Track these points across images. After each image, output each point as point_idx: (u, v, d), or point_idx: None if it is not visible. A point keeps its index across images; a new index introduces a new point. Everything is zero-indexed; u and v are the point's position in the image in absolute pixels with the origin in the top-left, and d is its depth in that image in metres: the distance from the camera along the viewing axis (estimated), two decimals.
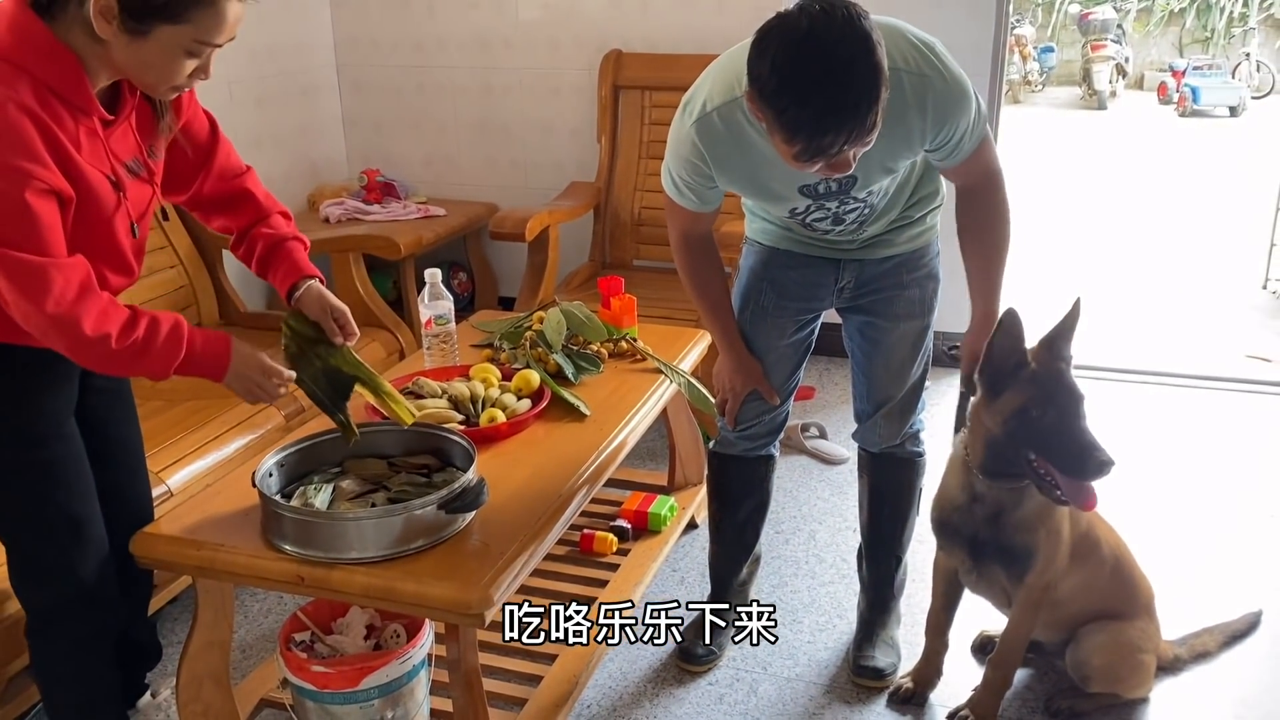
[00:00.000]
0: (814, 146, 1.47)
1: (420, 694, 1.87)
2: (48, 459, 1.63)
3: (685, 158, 1.78)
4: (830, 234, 1.93)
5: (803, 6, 1.47)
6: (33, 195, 1.38)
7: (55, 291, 1.43)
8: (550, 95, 3.86)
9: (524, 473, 1.92)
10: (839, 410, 3.40)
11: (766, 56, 1.46)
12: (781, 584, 2.52)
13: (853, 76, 1.44)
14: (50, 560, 1.67)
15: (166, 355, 1.56)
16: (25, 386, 1.60)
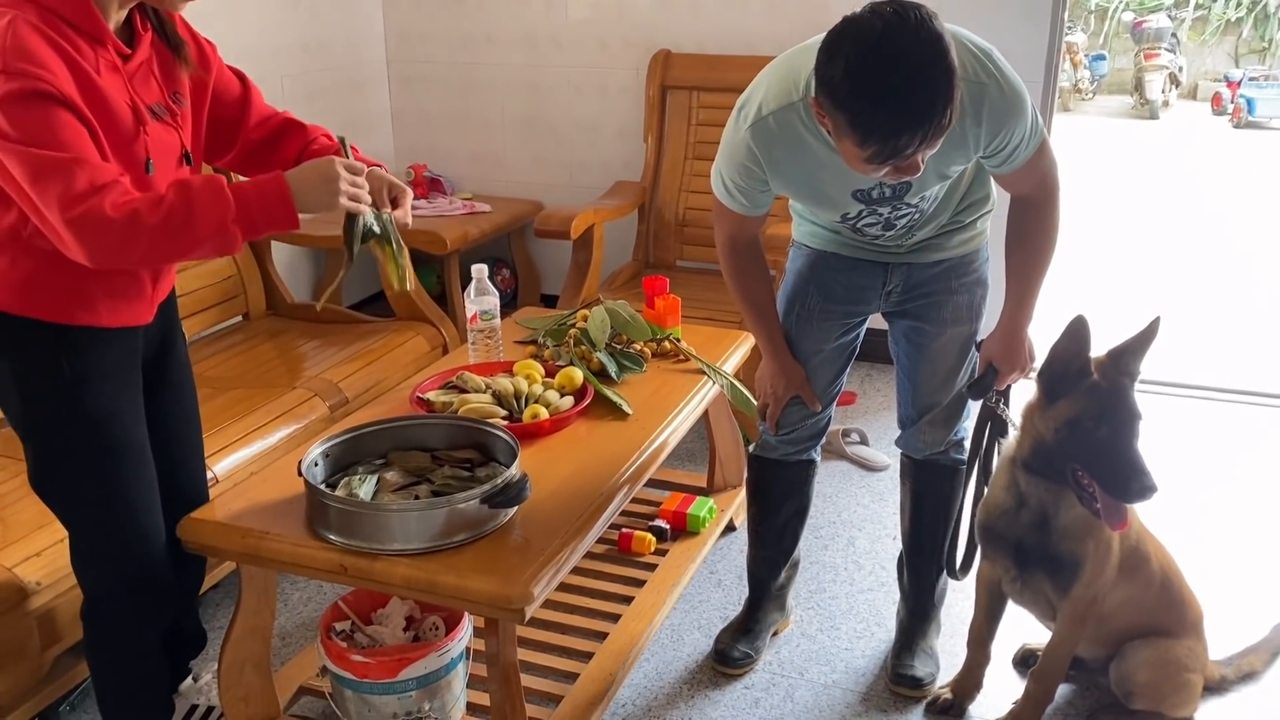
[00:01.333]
0: (888, 149, 1.47)
1: (458, 687, 1.88)
2: (110, 444, 1.65)
3: (739, 161, 1.77)
4: (880, 239, 1.91)
5: (875, 9, 1.46)
6: (45, 98, 1.38)
7: (78, 185, 1.38)
8: (597, 94, 3.87)
9: (566, 470, 1.92)
10: (880, 416, 3.37)
11: (839, 59, 1.46)
12: (820, 590, 2.50)
13: (928, 78, 1.43)
14: (109, 545, 1.69)
15: (213, 210, 1.45)
16: (90, 369, 1.61)
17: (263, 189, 1.50)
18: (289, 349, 2.95)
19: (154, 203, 1.42)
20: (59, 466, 1.64)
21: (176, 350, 1.86)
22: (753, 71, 3.42)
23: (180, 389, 1.87)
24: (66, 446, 1.63)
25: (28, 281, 1.54)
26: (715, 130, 3.57)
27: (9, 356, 1.59)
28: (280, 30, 3.54)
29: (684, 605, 2.44)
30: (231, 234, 1.47)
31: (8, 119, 1.37)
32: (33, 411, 1.61)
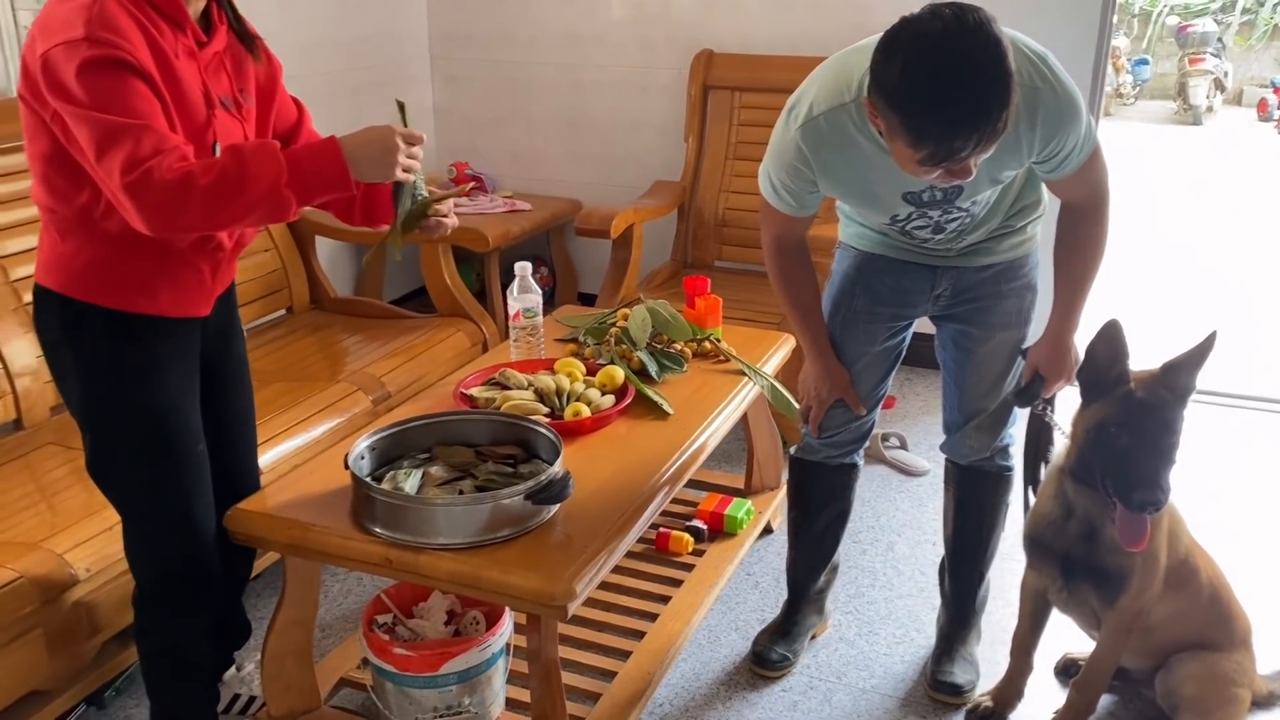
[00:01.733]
0: (942, 151, 1.46)
1: (498, 682, 1.88)
2: (167, 435, 1.67)
3: (788, 162, 1.76)
4: (929, 242, 1.90)
5: (933, 10, 1.45)
6: (123, 67, 1.40)
7: (143, 150, 1.38)
8: (639, 93, 3.87)
9: (607, 468, 1.92)
10: (920, 421, 3.35)
11: (895, 59, 1.45)
12: (858, 594, 2.49)
13: (986, 81, 1.42)
14: (161, 534, 1.71)
15: (266, 172, 1.44)
16: (150, 358, 1.64)
17: (316, 154, 1.50)
18: (331, 343, 2.97)
19: (208, 166, 1.43)
20: (116, 454, 1.67)
21: (235, 345, 1.88)
22: (796, 72, 3.41)
23: (237, 384, 1.89)
24: (124, 435, 1.65)
25: (92, 267, 1.57)
26: (757, 130, 3.58)
27: (72, 343, 1.61)
28: (327, 26, 3.57)
29: (721, 606, 2.44)
30: (285, 197, 1.46)
31: (84, 85, 1.39)
32: (93, 399, 1.63)
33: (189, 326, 1.70)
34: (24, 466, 2.24)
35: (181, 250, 1.62)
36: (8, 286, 2.40)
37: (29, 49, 1.46)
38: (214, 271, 1.70)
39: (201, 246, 1.64)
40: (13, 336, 2.37)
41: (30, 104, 1.48)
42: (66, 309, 1.60)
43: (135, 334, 1.62)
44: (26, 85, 1.47)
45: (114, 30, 1.41)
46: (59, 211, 1.56)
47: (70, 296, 1.58)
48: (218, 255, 1.69)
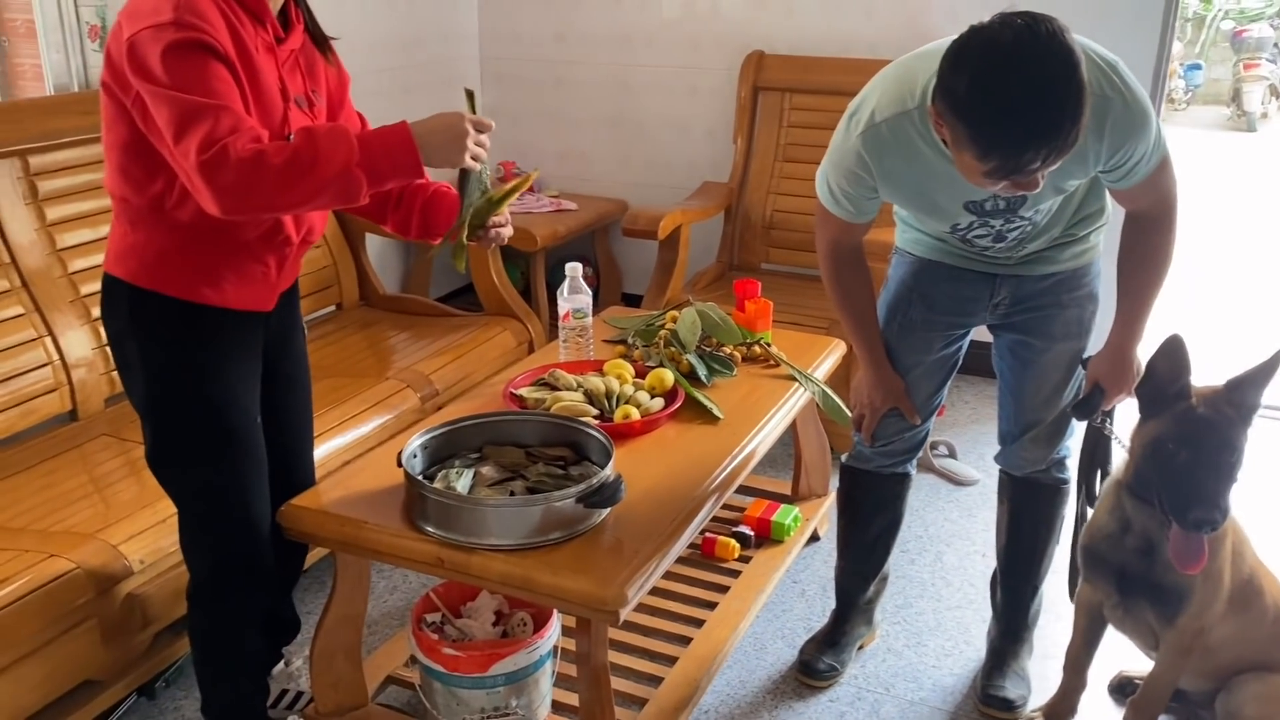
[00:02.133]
0: (1011, 164, 1.43)
1: (545, 685, 1.88)
2: (227, 428, 1.68)
3: (848, 168, 1.74)
4: (989, 250, 1.87)
5: (1004, 20, 1.42)
6: (207, 51, 1.43)
7: (220, 130, 1.39)
8: (688, 94, 3.85)
9: (657, 472, 1.91)
10: (968, 429, 3.30)
11: (964, 70, 1.42)
12: (906, 605, 2.46)
13: (1058, 93, 1.39)
14: (218, 528, 1.73)
15: (337, 153, 1.44)
16: (213, 351, 1.65)
17: (387, 137, 1.50)
18: (380, 340, 2.98)
19: (280, 146, 1.43)
20: (176, 446, 1.68)
21: (295, 342, 1.89)
22: (848, 74, 3.39)
23: (296, 381, 1.90)
24: (185, 426, 1.66)
25: (161, 257, 1.59)
26: (807, 132, 3.55)
27: (137, 333, 1.63)
28: (380, 24, 3.59)
29: (767, 614, 2.42)
30: (355, 178, 1.46)
31: (166, 67, 1.41)
32: (155, 390, 1.65)
33: (253, 321, 1.71)
34: (79, 457, 2.27)
35: (249, 243, 1.63)
36: (66, 279, 2.43)
37: (115, 36, 1.48)
38: (279, 266, 1.71)
39: (269, 240, 1.65)
40: (69, 328, 2.40)
41: (113, 90, 1.50)
42: (134, 298, 1.61)
43: (200, 326, 1.63)
44: (110, 72, 1.50)
45: (200, 16, 1.44)
46: (132, 201, 1.57)
47: (138, 286, 1.60)
48: (285, 250, 1.69)
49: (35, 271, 2.37)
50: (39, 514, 2.03)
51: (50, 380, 2.35)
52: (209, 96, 1.41)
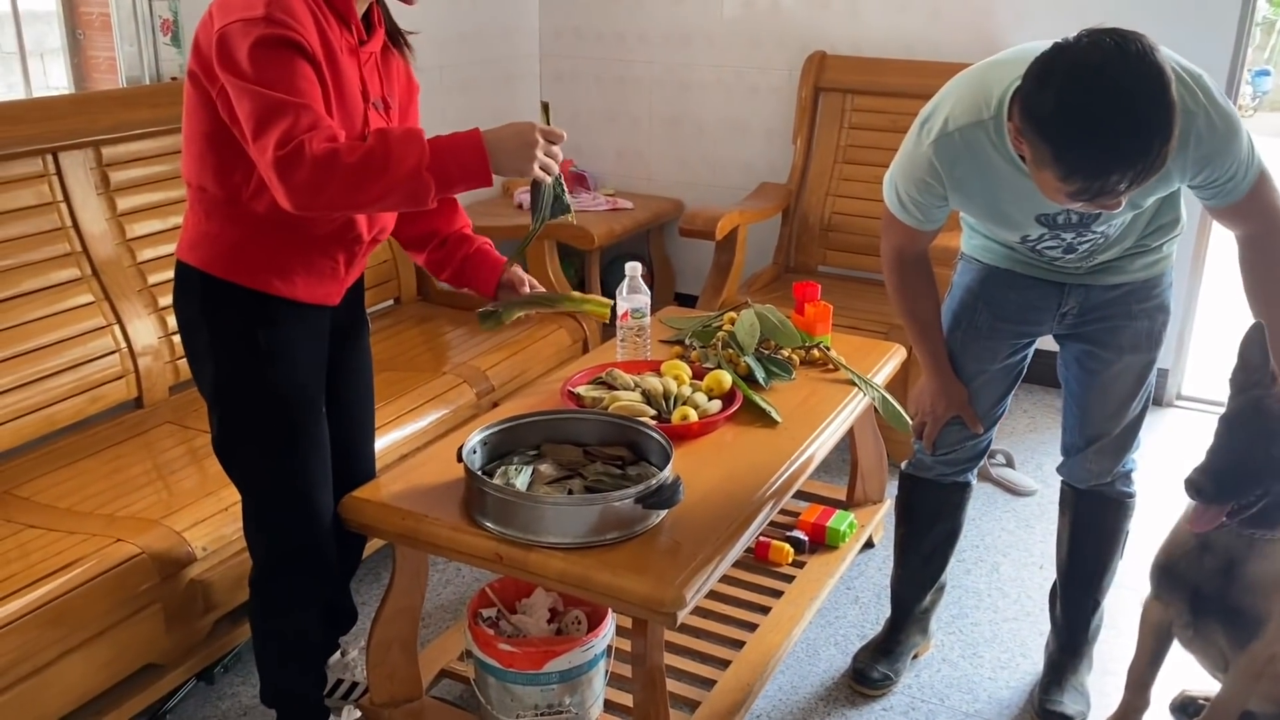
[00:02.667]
0: (1095, 186, 1.41)
1: (598, 684, 1.88)
2: (294, 419, 1.70)
3: (919, 176, 1.72)
4: (1059, 260, 1.84)
5: (1093, 38, 1.39)
6: (295, 49, 1.45)
7: (299, 127, 1.41)
8: (748, 94, 3.83)
9: (714, 475, 1.90)
10: (1027, 439, 3.25)
11: (1050, 88, 1.40)
12: (962, 615, 2.43)
13: (1147, 117, 1.36)
14: (281, 517, 1.75)
15: (409, 155, 1.45)
16: (282, 340, 1.67)
17: (458, 143, 1.50)
18: (436, 335, 3.00)
19: (354, 146, 1.45)
20: (244, 434, 1.71)
21: (361, 337, 1.91)
22: (912, 76, 3.34)
23: (359, 375, 1.92)
24: (253, 417, 1.69)
25: (235, 247, 1.61)
26: (868, 134, 3.52)
27: (209, 323, 1.66)
28: (441, 20, 3.61)
29: (820, 620, 2.40)
30: (424, 181, 1.47)
31: (253, 61, 1.43)
32: (225, 380, 1.67)
33: (319, 315, 1.73)
34: (143, 444, 2.31)
35: (321, 237, 1.65)
36: (135, 268, 2.48)
37: (205, 26, 1.51)
38: (348, 263, 1.73)
39: (340, 236, 1.67)
40: (137, 317, 2.44)
41: (199, 79, 1.53)
42: (206, 286, 1.64)
43: (270, 315, 1.65)
44: (198, 60, 1.52)
45: (290, 14, 1.46)
46: (209, 190, 1.60)
47: (211, 274, 1.63)
48: (355, 247, 1.71)
49: (105, 261, 2.42)
50: (105, 499, 2.07)
51: (117, 368, 2.40)
52: (291, 94, 1.43)
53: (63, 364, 2.29)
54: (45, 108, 2.39)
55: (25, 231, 2.29)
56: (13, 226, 2.27)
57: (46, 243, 2.32)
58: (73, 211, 2.38)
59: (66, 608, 1.73)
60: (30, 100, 2.57)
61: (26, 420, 2.22)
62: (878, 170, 3.45)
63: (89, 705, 1.84)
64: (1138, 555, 2.10)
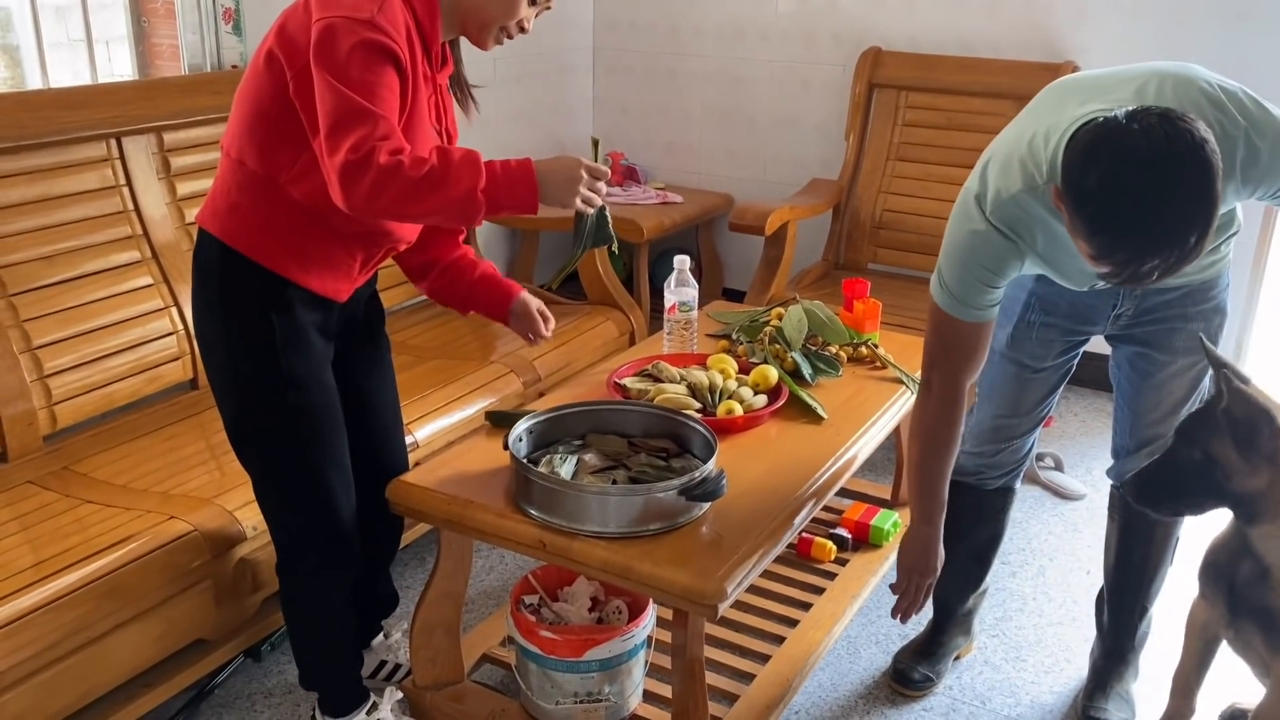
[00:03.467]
0: (1127, 272, 1.39)
1: (637, 674, 1.89)
2: (309, 405, 1.71)
3: (990, 253, 1.63)
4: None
5: (1143, 124, 1.35)
6: (391, 60, 1.50)
7: (365, 130, 1.45)
8: (800, 89, 3.81)
9: (758, 469, 1.90)
10: (1077, 442, 3.21)
11: (1094, 170, 1.37)
12: (1006, 618, 2.40)
13: (1189, 210, 1.34)
14: (297, 505, 1.77)
15: (467, 176, 1.51)
16: (298, 327, 1.68)
17: (513, 171, 1.56)
18: (484, 324, 3.02)
19: (418, 160, 1.49)
20: (258, 423, 1.72)
21: (380, 332, 1.95)
22: (968, 74, 3.29)
23: (379, 364, 1.94)
24: (267, 404, 1.69)
25: (260, 225, 1.64)
26: (922, 132, 3.49)
27: (224, 302, 1.67)
28: None
29: (862, 619, 2.39)
30: (477, 202, 1.52)
31: (350, 61, 1.47)
32: (237, 364, 1.69)
33: (327, 307, 1.74)
34: (196, 425, 2.36)
35: (347, 234, 1.67)
36: (192, 253, 2.52)
37: (298, 13, 1.54)
38: (365, 263, 1.75)
39: (367, 237, 1.69)
40: None
41: (277, 61, 1.55)
42: (225, 260, 1.65)
43: (285, 300, 1.67)
44: (282, 42, 1.55)
45: (394, 24, 1.50)
46: (248, 165, 1.62)
47: (231, 247, 1.64)
48: (375, 250, 1.74)
49: (164, 244, 2.47)
50: (160, 477, 2.12)
51: (174, 349, 2.45)
52: (374, 102, 1.47)
53: (122, 344, 2.35)
54: (110, 93, 2.44)
55: (88, 214, 2.35)
56: (77, 209, 2.33)
57: (108, 225, 2.38)
58: (134, 195, 2.43)
59: (121, 582, 1.78)
60: (96, 86, 2.63)
61: (86, 398, 2.28)
62: (931, 168, 3.46)
63: (140, 677, 1.89)
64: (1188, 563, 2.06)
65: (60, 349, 2.24)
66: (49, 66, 2.78)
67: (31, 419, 2.18)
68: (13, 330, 2.18)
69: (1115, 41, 3.18)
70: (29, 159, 2.24)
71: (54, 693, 1.71)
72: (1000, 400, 1.99)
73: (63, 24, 2.83)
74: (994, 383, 1.99)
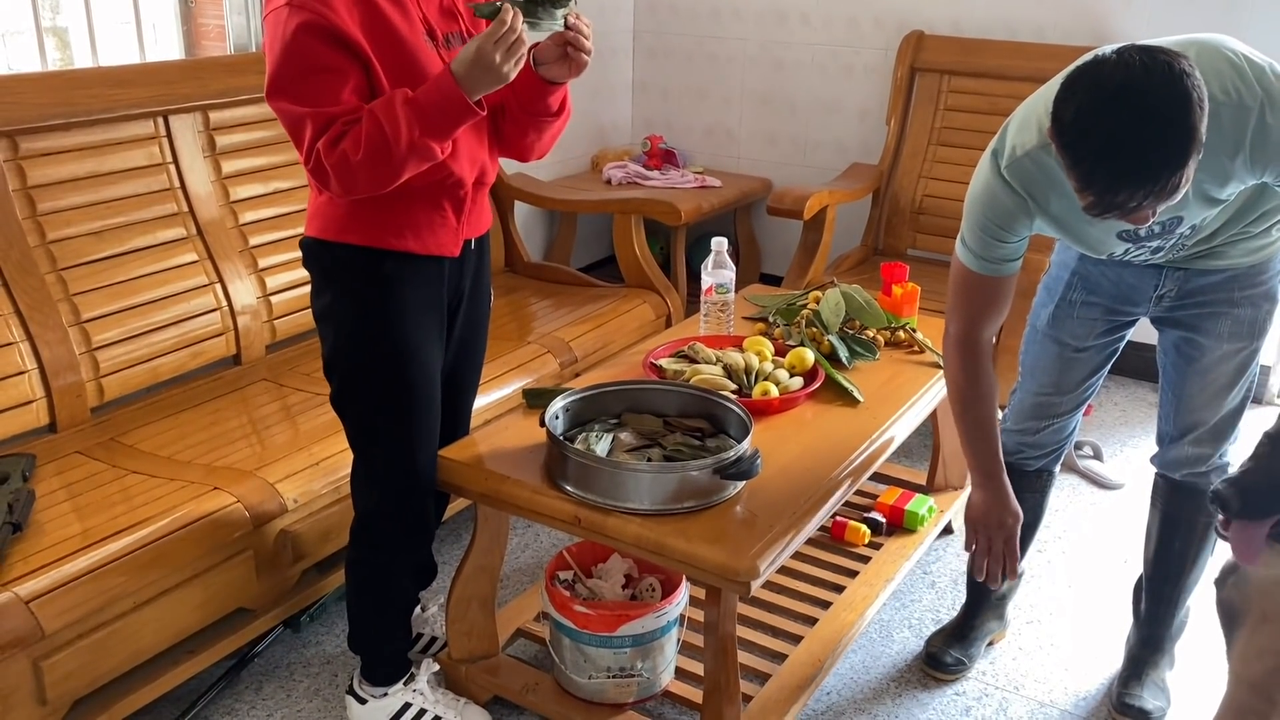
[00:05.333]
0: (1105, 202, 1.39)
1: (670, 651, 1.90)
2: (408, 379, 1.75)
3: (1001, 208, 1.65)
4: (1151, 260, 1.79)
5: (1123, 54, 1.37)
6: (310, 33, 1.50)
7: (306, 136, 1.51)
8: (841, 73, 3.79)
9: (793, 451, 1.90)
10: (1116, 431, 3.17)
11: (1073, 101, 1.39)
12: (1040, 604, 2.39)
13: (1160, 141, 1.34)
14: (388, 472, 1.80)
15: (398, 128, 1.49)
16: (398, 302, 1.72)
17: (435, 99, 1.52)
18: (522, 305, 3.05)
19: (357, 139, 1.51)
20: (358, 393, 1.77)
21: (478, 308, 1.93)
22: (1012, 58, 3.26)
23: (469, 345, 1.94)
24: (367, 377, 1.75)
25: (345, 212, 1.68)
26: (965, 117, 3.45)
27: (330, 284, 1.73)
28: None
29: (895, 602, 2.38)
30: (425, 145, 1.52)
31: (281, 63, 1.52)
32: (342, 340, 1.74)
33: (436, 270, 1.76)
34: (239, 400, 2.40)
35: (422, 189, 1.68)
36: (236, 230, 2.56)
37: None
38: (457, 209, 1.74)
39: (440, 185, 1.70)
40: (238, 277, 2.53)
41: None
42: (324, 253, 1.71)
43: (384, 274, 1.70)
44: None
45: None
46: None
47: (327, 240, 1.70)
48: (458, 191, 1.73)
49: (209, 221, 2.51)
50: (203, 449, 2.16)
51: (218, 325, 2.49)
52: (305, 99, 1.51)
53: (167, 319, 2.39)
54: (158, 72, 2.48)
55: (136, 191, 2.39)
56: (125, 186, 2.37)
57: (155, 202, 2.42)
58: (180, 173, 2.47)
59: (165, 550, 1.82)
60: (144, 65, 2.67)
61: (133, 372, 2.33)
62: (973, 154, 3.39)
63: (184, 643, 1.93)
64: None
65: (108, 323, 2.29)
66: (98, 48, 2.83)
67: (80, 391, 2.23)
68: (62, 304, 2.22)
69: (1162, 26, 3.11)
70: (79, 136, 2.29)
71: (102, 655, 1.76)
72: (1043, 378, 1.97)
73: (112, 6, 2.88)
74: (1036, 360, 1.98)
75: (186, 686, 1.98)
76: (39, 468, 2.05)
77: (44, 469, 2.05)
